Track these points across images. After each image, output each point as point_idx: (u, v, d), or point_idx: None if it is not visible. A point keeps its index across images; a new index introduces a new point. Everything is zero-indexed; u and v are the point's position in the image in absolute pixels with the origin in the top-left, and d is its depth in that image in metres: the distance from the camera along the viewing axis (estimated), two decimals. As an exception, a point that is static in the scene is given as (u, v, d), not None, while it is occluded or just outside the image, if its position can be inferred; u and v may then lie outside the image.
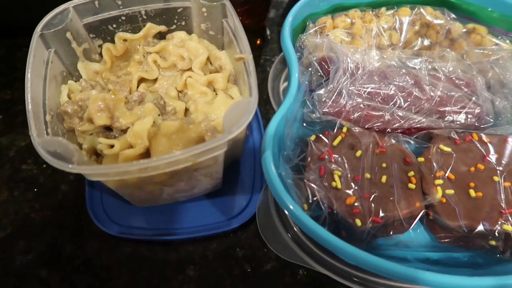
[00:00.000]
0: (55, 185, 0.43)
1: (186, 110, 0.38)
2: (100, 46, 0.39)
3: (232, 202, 0.41)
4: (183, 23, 0.40)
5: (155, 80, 0.39)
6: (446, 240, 0.35)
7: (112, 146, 0.33)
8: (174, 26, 0.40)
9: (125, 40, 0.39)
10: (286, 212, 0.31)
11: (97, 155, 0.36)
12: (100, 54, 0.40)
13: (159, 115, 0.35)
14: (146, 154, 0.33)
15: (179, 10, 0.39)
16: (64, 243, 0.40)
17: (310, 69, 0.41)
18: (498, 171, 0.35)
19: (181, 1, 0.38)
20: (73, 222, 0.41)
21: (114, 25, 0.38)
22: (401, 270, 0.29)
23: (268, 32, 0.58)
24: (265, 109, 0.49)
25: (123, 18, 0.38)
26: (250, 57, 0.33)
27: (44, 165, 0.44)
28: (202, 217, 0.40)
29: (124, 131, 0.34)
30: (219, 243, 0.40)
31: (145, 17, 0.39)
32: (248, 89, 0.32)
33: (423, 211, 0.34)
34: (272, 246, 0.37)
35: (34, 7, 0.50)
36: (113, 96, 0.33)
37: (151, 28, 0.39)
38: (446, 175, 0.36)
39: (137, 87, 0.38)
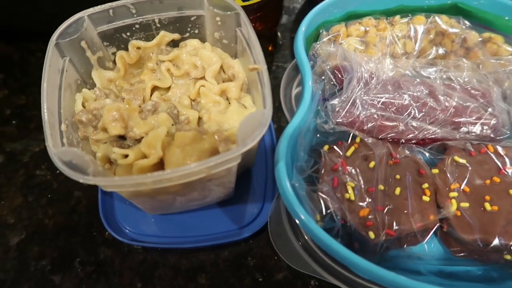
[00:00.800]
0: (69, 191, 0.43)
1: (199, 119, 0.38)
2: (114, 53, 0.39)
3: (244, 210, 0.41)
4: (196, 31, 0.40)
5: (168, 88, 0.39)
6: (460, 253, 0.35)
7: (126, 156, 0.33)
8: (188, 34, 0.40)
9: (138, 48, 0.39)
10: (300, 224, 0.31)
11: (110, 163, 0.36)
12: (114, 62, 0.40)
13: (172, 124, 0.35)
14: (160, 163, 0.33)
15: (192, 19, 0.39)
16: (77, 249, 0.40)
17: (323, 77, 0.41)
18: (515, 185, 0.35)
19: (194, 9, 0.38)
20: (86, 228, 0.41)
21: (128, 33, 0.38)
22: (414, 285, 0.29)
23: (280, 38, 0.57)
24: (277, 116, 0.49)
25: (137, 26, 0.38)
26: (264, 68, 0.32)
27: (58, 171, 0.44)
28: (214, 225, 0.40)
29: (138, 140, 0.34)
30: (230, 251, 0.40)
31: (158, 25, 0.39)
32: (262, 100, 0.32)
33: (437, 224, 0.34)
34: (284, 256, 0.37)
35: (47, 12, 0.51)
36: (127, 105, 0.33)
37: (165, 36, 0.39)
38: (461, 187, 0.35)
39: (151, 95, 0.38)
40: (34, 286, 0.38)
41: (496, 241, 0.32)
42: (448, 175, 0.36)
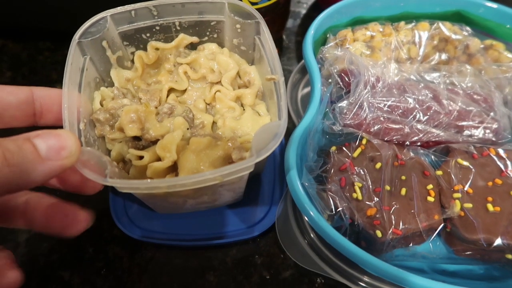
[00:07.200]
0: (78, 188, 0.44)
1: (213, 123, 0.38)
2: (133, 53, 0.40)
3: (252, 211, 0.41)
4: (215, 35, 0.40)
5: (184, 90, 0.39)
6: (463, 253, 0.36)
7: (141, 157, 0.34)
8: (206, 38, 0.41)
9: (157, 49, 0.40)
10: (310, 222, 0.32)
11: (123, 162, 0.36)
12: (132, 61, 0.40)
13: (188, 128, 0.35)
14: (173, 166, 0.33)
15: (212, 23, 0.39)
16: (86, 246, 0.40)
17: (330, 80, 0.42)
18: (516, 187, 0.36)
19: (215, 14, 0.38)
20: (95, 225, 0.41)
21: (148, 34, 0.39)
22: (421, 282, 0.30)
23: (285, 41, 0.58)
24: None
25: (157, 28, 0.39)
26: (281, 79, 0.33)
27: (67, 168, 0.45)
28: (223, 224, 0.41)
29: (152, 141, 0.35)
30: (238, 250, 0.41)
31: (178, 28, 0.39)
32: (278, 112, 0.33)
33: (442, 224, 0.35)
34: (291, 254, 0.38)
35: (57, 11, 0.51)
36: (145, 108, 0.34)
37: (184, 39, 0.40)
38: (465, 189, 0.36)
39: (167, 97, 0.39)
40: (43, 281, 0.39)
41: (498, 241, 0.34)
42: (452, 176, 0.37)
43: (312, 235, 0.38)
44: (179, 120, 0.35)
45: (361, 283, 0.36)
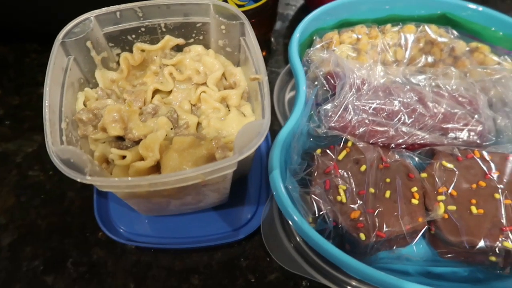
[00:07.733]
0: (62, 192, 0.43)
1: (198, 124, 0.38)
2: (118, 55, 0.40)
3: (238, 213, 0.41)
4: (201, 37, 0.40)
5: (170, 92, 0.39)
6: (447, 255, 0.36)
7: (123, 157, 0.33)
8: (192, 40, 0.41)
9: (142, 50, 0.40)
10: (293, 225, 0.32)
11: (107, 163, 0.36)
12: (117, 63, 0.40)
13: (171, 128, 0.35)
14: (156, 166, 0.33)
15: (198, 25, 0.39)
16: (70, 250, 0.40)
17: (316, 83, 0.42)
18: (499, 189, 0.36)
19: (200, 16, 0.38)
20: (79, 229, 0.41)
21: (133, 36, 0.39)
22: (404, 285, 0.30)
23: (274, 43, 0.58)
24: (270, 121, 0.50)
25: (143, 29, 0.38)
26: (265, 79, 0.33)
27: (51, 172, 0.45)
28: (208, 227, 0.40)
29: (136, 141, 0.35)
30: (223, 253, 0.40)
31: (164, 29, 0.39)
32: (261, 110, 0.33)
33: (426, 226, 0.35)
34: (276, 257, 0.38)
35: (44, 13, 0.51)
36: (128, 107, 0.34)
37: (169, 40, 0.40)
38: (449, 191, 0.36)
39: (152, 98, 0.38)
40: (26, 286, 0.38)
41: (481, 243, 0.34)
42: (437, 179, 0.37)
43: (298, 239, 0.38)
44: (162, 120, 0.34)
45: (347, 287, 0.36)
